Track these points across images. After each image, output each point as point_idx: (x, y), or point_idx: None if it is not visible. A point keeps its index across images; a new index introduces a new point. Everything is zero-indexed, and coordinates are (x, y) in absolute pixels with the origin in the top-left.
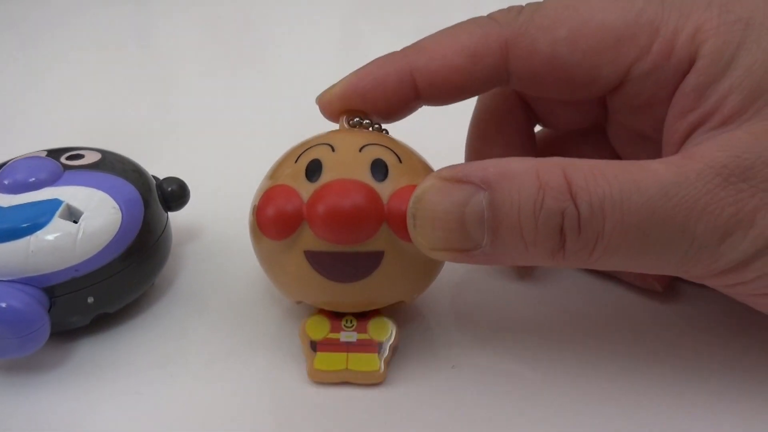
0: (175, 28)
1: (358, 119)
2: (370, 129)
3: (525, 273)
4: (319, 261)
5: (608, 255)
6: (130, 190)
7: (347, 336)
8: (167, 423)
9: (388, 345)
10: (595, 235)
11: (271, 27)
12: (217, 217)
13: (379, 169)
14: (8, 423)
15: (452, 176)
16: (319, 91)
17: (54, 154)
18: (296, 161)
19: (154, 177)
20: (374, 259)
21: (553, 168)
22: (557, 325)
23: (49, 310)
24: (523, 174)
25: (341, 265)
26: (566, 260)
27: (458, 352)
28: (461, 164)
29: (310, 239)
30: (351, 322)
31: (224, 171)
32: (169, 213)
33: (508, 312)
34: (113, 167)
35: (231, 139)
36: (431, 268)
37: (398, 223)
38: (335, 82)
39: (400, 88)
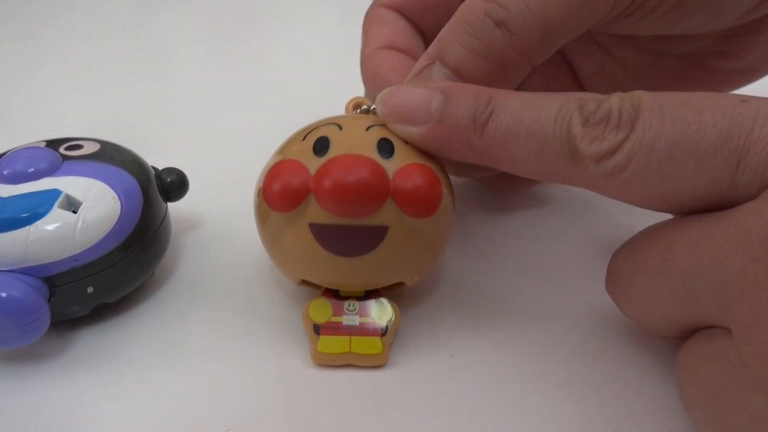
0: (174, 18)
1: (365, 107)
2: None
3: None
4: (323, 234)
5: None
6: (129, 181)
7: (350, 319)
8: (168, 412)
9: (390, 328)
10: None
11: (271, 17)
12: (217, 208)
13: (386, 147)
14: (8, 412)
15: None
16: (318, 82)
17: (53, 144)
18: (304, 139)
19: (153, 167)
20: (378, 234)
21: None
22: (556, 314)
23: (49, 300)
24: None
25: (345, 238)
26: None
27: (458, 336)
28: None
29: (315, 212)
30: (353, 306)
31: (223, 161)
32: (168, 203)
33: (507, 298)
34: (112, 158)
35: (230, 129)
36: (434, 248)
37: (403, 199)
38: (335, 72)
39: None
